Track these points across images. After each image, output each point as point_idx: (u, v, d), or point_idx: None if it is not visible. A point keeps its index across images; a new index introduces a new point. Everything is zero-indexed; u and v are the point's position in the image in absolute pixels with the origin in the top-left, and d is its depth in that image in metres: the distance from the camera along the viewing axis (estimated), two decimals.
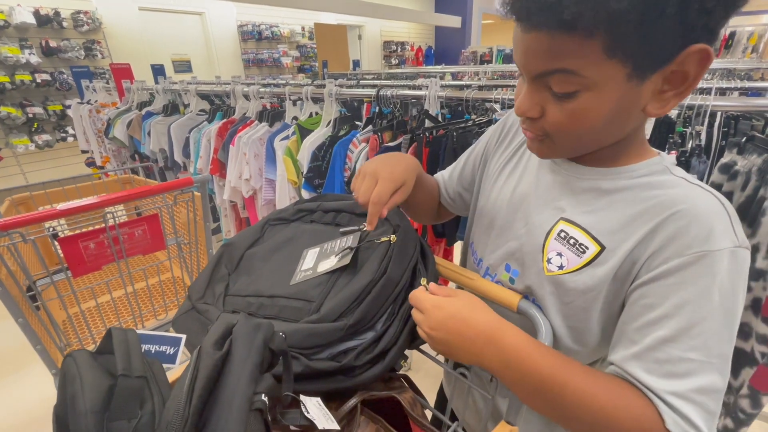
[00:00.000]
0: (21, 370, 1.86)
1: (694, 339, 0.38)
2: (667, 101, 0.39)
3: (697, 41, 0.35)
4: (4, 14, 3.77)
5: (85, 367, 0.39)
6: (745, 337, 0.91)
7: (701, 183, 0.43)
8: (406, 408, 0.49)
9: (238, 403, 0.33)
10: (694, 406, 0.37)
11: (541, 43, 0.37)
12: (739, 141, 0.99)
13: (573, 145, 0.45)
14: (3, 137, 4.02)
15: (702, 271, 0.38)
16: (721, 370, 0.38)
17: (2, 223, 0.85)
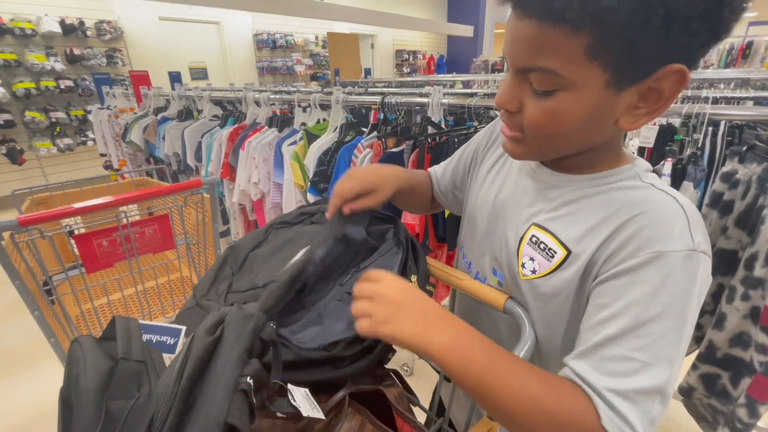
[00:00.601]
0: (34, 366, 1.92)
1: (641, 339, 0.37)
2: (639, 117, 0.40)
3: (676, 61, 0.35)
4: (32, 23, 3.96)
5: (89, 351, 0.42)
6: (745, 346, 0.90)
7: (668, 188, 0.44)
8: (391, 401, 0.51)
9: (224, 383, 0.35)
10: (633, 405, 0.36)
11: (529, 33, 0.37)
12: (740, 150, 0.99)
13: (545, 146, 0.45)
14: (27, 140, 4.19)
15: (653, 272, 0.38)
16: (666, 373, 0.37)
17: (22, 219, 0.90)
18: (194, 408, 0.35)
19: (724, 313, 0.91)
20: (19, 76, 3.97)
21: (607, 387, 0.36)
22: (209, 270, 0.68)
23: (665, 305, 0.37)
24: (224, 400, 0.34)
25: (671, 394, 0.37)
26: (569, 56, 0.36)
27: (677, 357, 0.37)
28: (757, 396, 0.80)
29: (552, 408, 0.37)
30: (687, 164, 0.98)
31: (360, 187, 0.56)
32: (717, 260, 1.01)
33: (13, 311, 2.35)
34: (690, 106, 1.00)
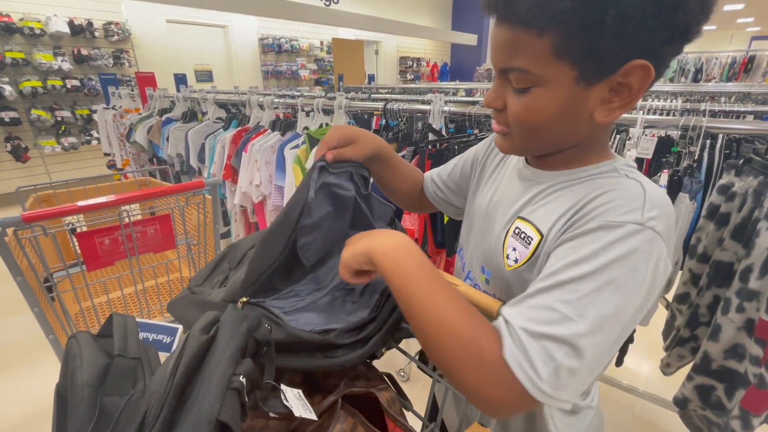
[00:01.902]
0: (32, 363, 1.93)
1: (568, 294, 0.38)
2: (613, 111, 0.42)
3: (639, 57, 0.38)
4: (41, 23, 4.01)
5: (85, 347, 0.42)
6: (740, 358, 0.91)
7: (641, 176, 0.46)
8: (383, 404, 0.51)
9: (216, 381, 0.35)
10: (541, 349, 0.36)
11: (504, 38, 0.41)
12: (736, 163, 1.00)
13: (528, 140, 0.48)
14: (32, 138, 4.22)
15: (597, 237, 0.39)
16: (581, 328, 0.36)
17: (26, 216, 0.92)
18: (187, 405, 0.35)
19: (720, 325, 0.92)
20: (27, 75, 4.01)
21: (521, 325, 0.37)
22: (207, 264, 0.69)
23: (600, 267, 0.38)
24: (216, 398, 0.34)
25: (585, 352, 0.36)
26: (538, 56, 0.40)
27: (601, 319, 0.37)
28: (750, 408, 0.81)
29: (458, 326, 0.39)
30: (683, 176, 0.99)
31: (341, 134, 0.59)
32: (713, 272, 1.02)
33: (12, 308, 2.36)
34: (687, 119, 1.01)
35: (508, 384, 0.36)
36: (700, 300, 1.05)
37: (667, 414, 1.61)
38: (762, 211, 0.88)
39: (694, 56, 7.69)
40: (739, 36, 13.38)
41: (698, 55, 7.67)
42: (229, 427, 0.34)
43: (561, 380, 0.36)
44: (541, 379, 0.35)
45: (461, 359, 0.38)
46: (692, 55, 7.73)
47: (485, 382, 0.37)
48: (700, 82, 7.37)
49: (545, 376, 0.35)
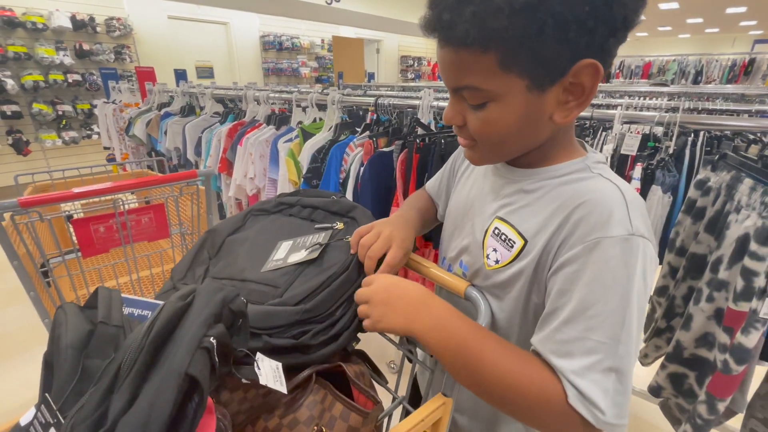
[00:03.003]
0: (29, 351, 1.96)
1: (590, 320, 0.40)
2: (571, 110, 0.43)
3: (586, 56, 0.39)
4: (44, 18, 4.05)
5: (71, 315, 0.45)
6: (710, 347, 0.94)
7: (614, 177, 0.48)
8: (350, 376, 0.54)
9: (188, 340, 0.38)
10: (591, 383, 0.39)
11: (450, 59, 0.42)
12: (712, 159, 1.03)
13: (496, 151, 0.50)
14: (33, 132, 4.26)
15: (597, 257, 0.41)
16: (616, 351, 0.39)
17: (23, 200, 0.95)
18: (160, 361, 0.37)
19: (691, 314, 0.95)
20: (29, 69, 4.05)
21: (567, 368, 0.40)
22: (186, 254, 0.70)
23: (608, 287, 0.40)
24: (187, 354, 0.36)
25: (627, 370, 0.40)
26: (486, 72, 0.40)
27: (628, 333, 0.40)
28: (716, 393, 0.83)
29: (522, 381, 0.42)
30: (656, 169, 1.02)
31: (381, 245, 0.59)
32: (689, 264, 1.05)
33: (9, 298, 2.39)
34: (662, 115, 1.04)
35: (578, 423, 0.40)
36: (676, 292, 1.08)
37: (650, 406, 1.65)
38: (732, 204, 0.91)
39: (695, 59, 7.70)
40: (742, 39, 13.36)
41: (698, 58, 7.68)
42: (197, 381, 0.36)
43: (618, 406, 0.40)
44: (604, 414, 0.39)
45: (532, 409, 0.42)
46: (692, 58, 7.74)
47: (557, 425, 0.42)
48: (700, 83, 7.38)
49: (606, 409, 0.39)
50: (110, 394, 0.35)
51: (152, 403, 0.34)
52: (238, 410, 0.52)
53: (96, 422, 0.34)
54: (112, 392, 0.36)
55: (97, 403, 0.35)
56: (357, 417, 0.50)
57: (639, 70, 8.13)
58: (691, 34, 13.90)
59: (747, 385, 0.87)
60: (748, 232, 0.82)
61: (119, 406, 0.34)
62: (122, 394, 0.35)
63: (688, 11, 9.86)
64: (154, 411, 0.33)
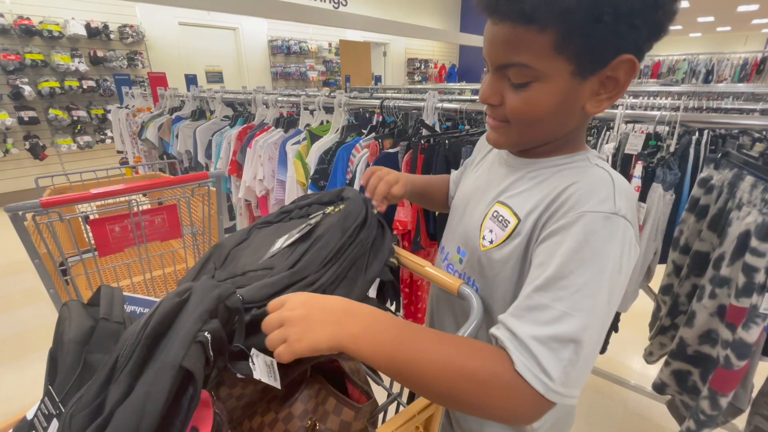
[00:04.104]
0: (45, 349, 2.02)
1: (561, 290, 0.40)
2: (601, 102, 0.46)
3: (626, 52, 0.42)
4: (60, 26, 4.16)
5: (75, 312, 0.47)
6: (713, 344, 0.94)
7: (608, 167, 0.50)
8: (346, 371, 0.56)
9: (183, 334, 0.39)
10: (547, 350, 0.38)
11: (505, 35, 0.44)
12: (715, 157, 1.04)
13: (525, 133, 0.51)
14: (49, 137, 4.38)
15: (577, 230, 0.43)
16: (581, 322, 0.39)
17: (44, 201, 1.00)
18: (156, 354, 0.38)
19: (694, 311, 0.95)
20: (45, 76, 4.17)
21: (529, 334, 0.40)
22: (193, 266, 0.72)
23: (585, 259, 0.41)
24: (181, 348, 0.37)
25: (587, 344, 0.39)
26: (540, 51, 0.42)
27: (595, 309, 0.40)
28: (718, 388, 0.84)
29: (465, 366, 0.40)
30: (656, 167, 1.03)
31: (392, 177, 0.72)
32: (692, 262, 1.05)
33: (27, 297, 2.47)
34: (662, 114, 1.05)
35: (526, 394, 0.39)
36: (680, 289, 1.09)
37: (658, 407, 1.64)
38: (734, 202, 0.91)
39: (705, 57, 7.59)
40: (755, 37, 13.13)
41: (709, 57, 7.58)
42: (191, 374, 0.37)
43: (570, 377, 0.39)
44: (553, 381, 0.38)
45: (480, 394, 0.39)
46: (703, 56, 7.64)
47: (506, 401, 0.40)
48: (711, 83, 7.28)
49: (556, 377, 0.38)
50: (108, 385, 0.37)
51: (148, 394, 0.34)
52: (236, 406, 0.54)
53: (94, 411, 0.35)
54: (109, 383, 0.37)
55: (95, 393, 0.36)
56: (349, 411, 0.51)
57: (648, 70, 8.05)
58: (702, 32, 13.69)
59: (749, 381, 0.87)
60: (749, 229, 0.83)
61: (116, 397, 0.35)
62: (119, 385, 0.36)
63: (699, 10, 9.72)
64: (150, 401, 0.34)
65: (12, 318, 2.30)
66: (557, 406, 0.57)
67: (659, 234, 1.11)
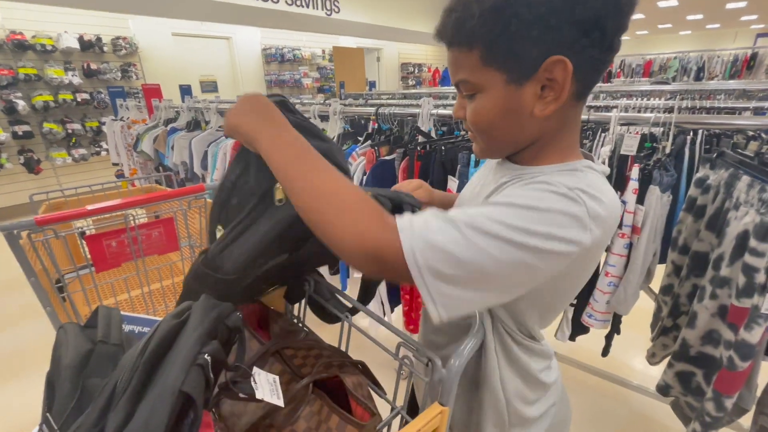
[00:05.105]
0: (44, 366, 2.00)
1: (469, 209, 0.42)
2: (548, 104, 0.46)
3: (555, 53, 0.42)
4: (53, 40, 4.16)
5: (72, 335, 0.46)
6: (715, 344, 0.94)
7: (600, 171, 0.51)
8: (348, 387, 0.55)
9: (182, 358, 0.38)
10: (431, 217, 0.41)
11: (451, 58, 0.50)
12: (710, 157, 1.04)
13: (489, 142, 0.53)
14: (44, 150, 4.36)
15: (529, 185, 0.45)
16: (468, 221, 0.40)
17: (39, 219, 0.99)
18: (155, 379, 0.38)
19: (696, 312, 0.95)
20: (39, 90, 4.16)
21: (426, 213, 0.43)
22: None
23: (515, 198, 0.43)
24: (181, 371, 0.37)
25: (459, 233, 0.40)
26: (473, 67, 0.47)
27: (489, 224, 0.40)
28: (722, 390, 0.84)
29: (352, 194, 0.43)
30: (653, 169, 1.03)
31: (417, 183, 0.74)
32: (692, 262, 1.06)
33: (24, 314, 2.44)
34: (657, 116, 1.06)
35: (386, 226, 0.41)
36: (680, 290, 1.09)
37: (662, 407, 1.63)
38: (731, 202, 0.91)
39: (696, 55, 7.67)
40: (744, 34, 13.29)
41: (700, 54, 7.66)
42: (191, 398, 0.36)
43: (423, 239, 0.39)
44: (413, 230, 0.40)
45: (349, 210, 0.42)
46: (694, 54, 7.72)
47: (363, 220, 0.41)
48: (703, 80, 7.35)
49: (417, 228, 0.40)
50: (107, 412, 0.36)
51: (147, 421, 0.34)
52: (238, 424, 0.52)
53: None
54: (108, 410, 0.36)
55: (94, 421, 0.36)
56: (353, 429, 0.50)
57: (640, 69, 8.12)
58: (692, 30, 13.86)
59: (753, 381, 0.87)
60: (748, 229, 0.83)
61: (115, 424, 0.34)
62: (118, 412, 0.35)
63: (687, 8, 9.84)
64: (150, 428, 0.33)
65: (11, 334, 2.28)
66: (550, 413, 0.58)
67: (658, 235, 1.11)
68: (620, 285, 1.15)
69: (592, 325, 1.23)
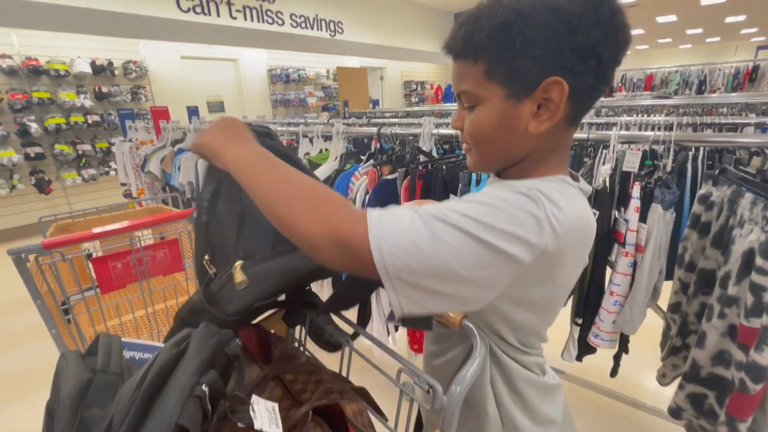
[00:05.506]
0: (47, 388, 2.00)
1: (439, 204, 0.44)
2: (543, 122, 0.48)
3: (553, 74, 0.45)
4: (66, 65, 4.30)
5: (72, 364, 0.46)
6: (726, 365, 0.92)
7: (580, 187, 0.52)
8: (347, 415, 0.55)
9: (179, 389, 0.38)
10: (385, 214, 0.42)
11: (456, 69, 0.52)
12: (712, 173, 1.04)
13: (483, 154, 0.54)
14: (55, 171, 4.45)
15: (497, 186, 0.48)
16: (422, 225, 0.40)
17: (47, 242, 1.00)
18: (152, 411, 0.37)
19: (705, 332, 0.93)
20: (51, 113, 4.27)
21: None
22: None
23: (480, 196, 0.45)
24: (177, 404, 0.37)
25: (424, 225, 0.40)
26: (476, 79, 0.49)
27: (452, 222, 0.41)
28: (735, 413, 0.81)
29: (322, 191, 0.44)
30: (654, 187, 1.03)
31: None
32: (698, 280, 1.04)
33: (29, 335, 2.45)
34: (656, 134, 1.06)
35: (354, 214, 0.41)
36: (688, 308, 1.07)
37: (676, 429, 1.58)
38: (736, 219, 0.91)
39: (697, 68, 7.72)
40: (745, 46, 13.38)
41: (701, 67, 7.70)
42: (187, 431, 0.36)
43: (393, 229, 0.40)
44: (381, 219, 0.40)
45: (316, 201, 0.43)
46: (695, 68, 7.76)
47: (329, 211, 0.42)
48: (704, 93, 7.37)
49: (385, 218, 0.41)
50: None
51: None
52: None
53: None
54: None
55: None
56: None
57: (641, 83, 8.18)
58: (692, 44, 13.98)
59: None
60: (753, 247, 0.82)
61: None
62: None
63: (687, 23, 9.96)
64: None
65: (16, 355, 2.28)
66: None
67: (663, 253, 1.10)
68: (626, 304, 1.13)
69: (598, 345, 1.21)
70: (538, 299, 0.52)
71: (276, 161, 0.48)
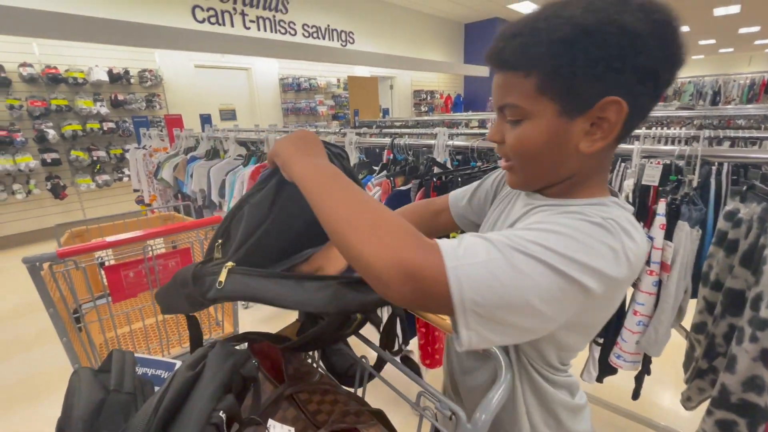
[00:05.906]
0: (58, 392, 1.99)
1: (506, 231, 0.42)
2: (595, 142, 0.46)
3: (613, 94, 0.43)
4: (84, 73, 4.40)
5: (85, 382, 0.45)
6: (759, 391, 0.87)
7: (627, 208, 0.50)
8: None
9: (196, 417, 0.37)
10: (458, 244, 0.39)
11: (500, 81, 0.49)
12: (740, 189, 1.00)
13: (529, 172, 0.52)
14: (70, 177, 4.53)
15: (566, 212, 0.45)
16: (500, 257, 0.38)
17: (61, 251, 1.00)
18: None
19: (735, 355, 0.89)
20: (68, 120, 4.36)
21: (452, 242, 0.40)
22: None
23: (554, 225, 0.41)
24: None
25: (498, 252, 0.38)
26: (526, 93, 0.46)
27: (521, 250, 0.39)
28: None
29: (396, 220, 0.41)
30: (681, 204, 1.00)
31: None
32: (726, 300, 1.00)
33: (40, 339, 2.46)
34: (682, 148, 1.03)
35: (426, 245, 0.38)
36: (715, 329, 1.02)
37: None
38: (767, 238, 0.87)
39: (711, 79, 7.63)
40: (759, 57, 13.22)
41: (715, 78, 7.61)
42: None
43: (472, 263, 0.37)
44: (457, 251, 0.38)
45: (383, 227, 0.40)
46: (708, 79, 7.67)
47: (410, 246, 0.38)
48: (719, 104, 7.27)
49: (462, 251, 0.38)
50: None
51: None
52: None
53: None
54: None
55: None
56: None
57: None
58: (705, 54, 13.85)
59: None
60: None
61: None
62: None
63: (699, 33, 9.88)
64: None
65: (26, 359, 2.29)
66: None
67: (688, 271, 1.06)
68: (650, 325, 1.09)
69: (621, 366, 1.16)
70: (593, 323, 0.51)
71: (345, 180, 0.46)
